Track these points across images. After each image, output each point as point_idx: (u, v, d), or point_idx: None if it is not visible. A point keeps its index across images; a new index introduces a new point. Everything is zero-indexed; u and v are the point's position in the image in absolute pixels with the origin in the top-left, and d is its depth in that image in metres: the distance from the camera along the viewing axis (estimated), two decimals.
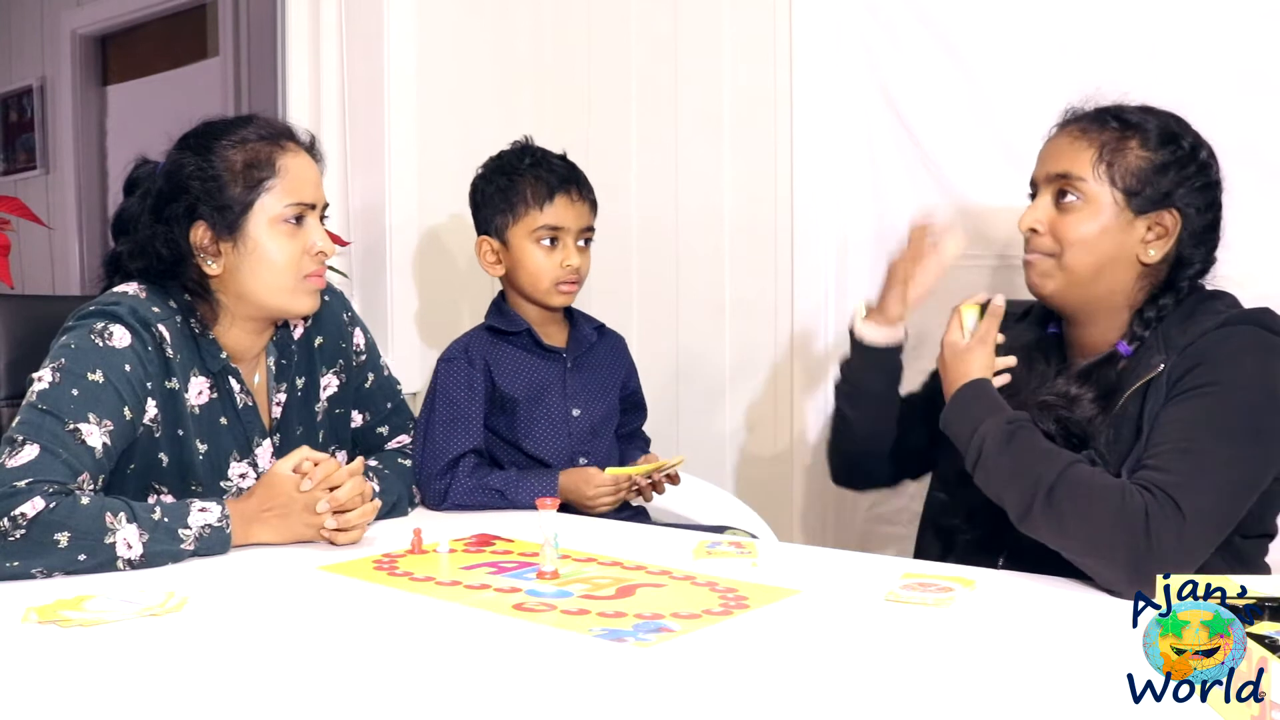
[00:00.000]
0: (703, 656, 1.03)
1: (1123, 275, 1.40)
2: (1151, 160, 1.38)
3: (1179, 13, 1.92)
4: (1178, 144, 1.39)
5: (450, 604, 1.21)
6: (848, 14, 2.26)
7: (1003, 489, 1.31)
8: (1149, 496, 1.21)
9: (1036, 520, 1.26)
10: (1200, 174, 1.39)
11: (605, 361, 1.96)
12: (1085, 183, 1.39)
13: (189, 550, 1.38)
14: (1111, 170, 1.38)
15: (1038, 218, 1.42)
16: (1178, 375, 1.31)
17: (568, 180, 1.84)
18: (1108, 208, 1.38)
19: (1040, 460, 1.29)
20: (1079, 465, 1.28)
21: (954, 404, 1.41)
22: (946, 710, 0.90)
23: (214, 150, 1.50)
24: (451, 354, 1.85)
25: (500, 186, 1.84)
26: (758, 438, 2.46)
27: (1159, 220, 1.38)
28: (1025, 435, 1.32)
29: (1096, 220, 1.38)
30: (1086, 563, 1.23)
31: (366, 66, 2.43)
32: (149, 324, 1.47)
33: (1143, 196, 1.37)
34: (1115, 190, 1.38)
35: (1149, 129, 1.39)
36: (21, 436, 1.35)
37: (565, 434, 1.85)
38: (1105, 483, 1.25)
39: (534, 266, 1.82)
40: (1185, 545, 1.19)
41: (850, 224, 2.30)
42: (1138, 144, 1.38)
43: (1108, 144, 1.39)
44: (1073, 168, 1.39)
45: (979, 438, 1.34)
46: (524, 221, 1.82)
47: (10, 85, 4.84)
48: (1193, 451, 1.24)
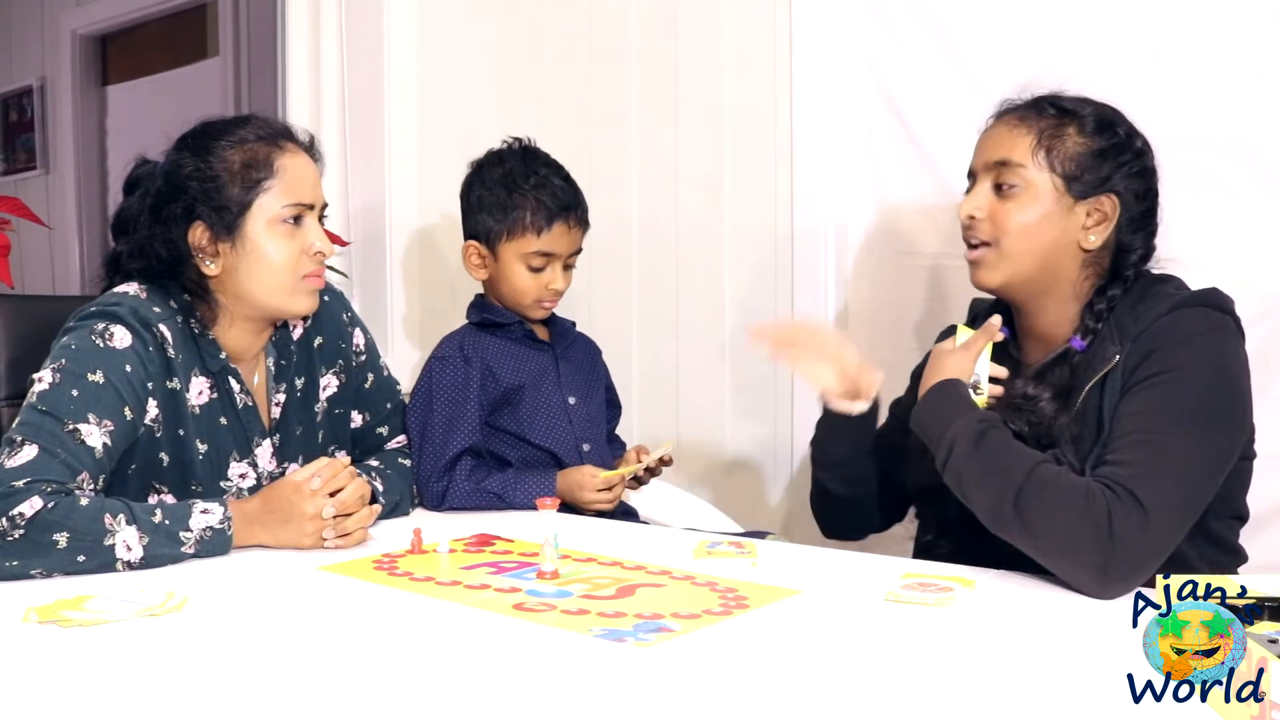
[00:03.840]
0: (703, 656, 1.03)
1: (1066, 263, 1.40)
2: (1089, 146, 1.38)
3: (1179, 13, 1.93)
4: (1114, 130, 1.40)
5: (450, 604, 1.21)
6: (848, 14, 2.26)
7: (972, 490, 1.30)
8: (1110, 495, 1.21)
9: (1006, 522, 1.26)
10: (1136, 160, 1.40)
11: (585, 358, 1.98)
12: (1025, 169, 1.39)
13: (189, 553, 1.38)
14: (1051, 156, 1.38)
15: (977, 204, 1.42)
16: (1133, 365, 1.31)
17: (567, 208, 1.82)
18: (1047, 194, 1.38)
19: (1009, 461, 1.28)
20: (1045, 466, 1.27)
21: (925, 403, 1.40)
22: (946, 710, 0.90)
23: (212, 151, 1.50)
24: (445, 352, 1.84)
25: (499, 200, 1.81)
26: (758, 438, 2.46)
27: (1098, 205, 1.39)
28: (995, 435, 1.31)
29: (1037, 206, 1.38)
30: (1057, 564, 1.23)
31: (366, 66, 2.43)
32: (150, 324, 1.47)
33: (1082, 182, 1.38)
34: (1055, 176, 1.38)
35: (1085, 116, 1.40)
36: (21, 437, 1.35)
37: (566, 421, 1.85)
38: (1071, 483, 1.24)
39: (519, 284, 1.82)
40: (1150, 538, 1.19)
41: (850, 224, 2.30)
42: (1075, 130, 1.39)
43: (1046, 130, 1.39)
44: (1012, 154, 1.39)
45: (950, 437, 1.33)
46: (518, 242, 1.81)
47: (10, 85, 4.84)
48: (1150, 442, 1.25)
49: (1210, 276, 1.45)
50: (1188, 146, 1.77)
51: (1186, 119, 1.86)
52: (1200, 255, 1.47)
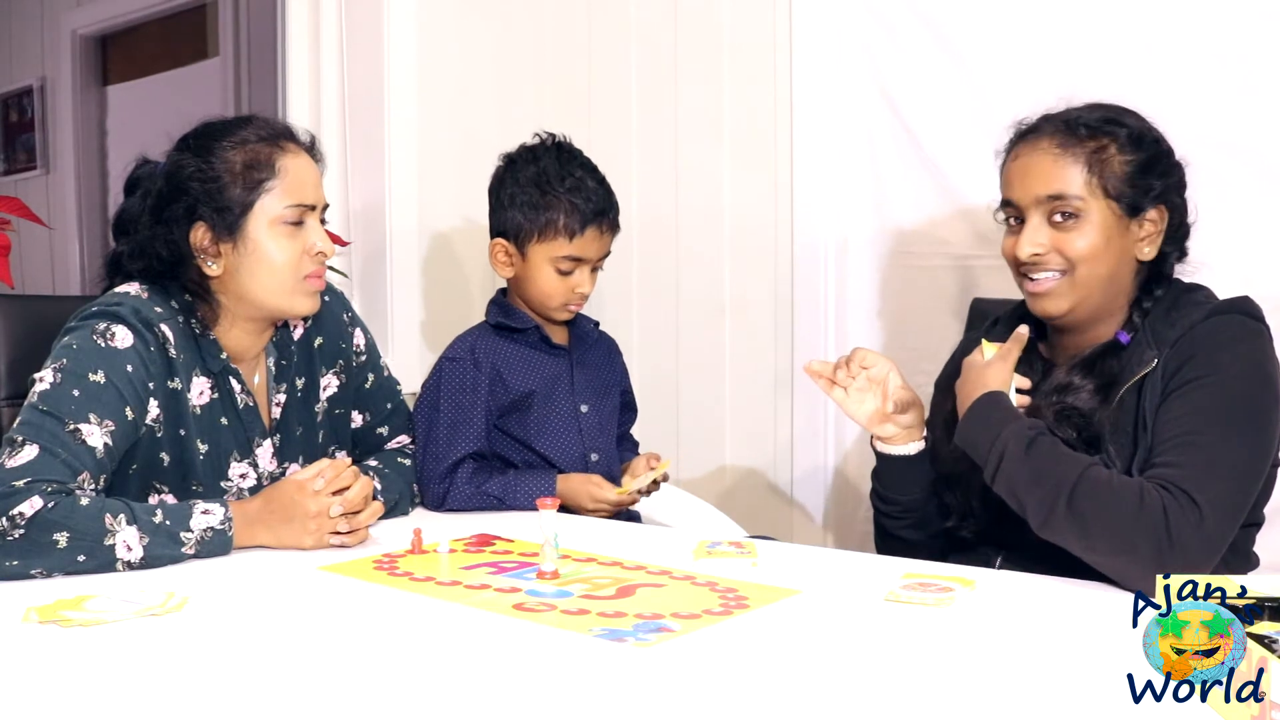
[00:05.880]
0: (703, 656, 1.03)
1: (1126, 278, 1.42)
2: (1133, 162, 1.39)
3: (1178, 13, 1.93)
4: (1150, 141, 1.41)
5: (450, 604, 1.21)
6: (848, 14, 2.26)
7: (1025, 494, 1.31)
8: (1165, 494, 1.22)
9: (1059, 524, 1.26)
10: (1173, 166, 1.41)
11: (604, 361, 1.95)
12: (1081, 200, 1.38)
13: (189, 554, 1.38)
14: (1103, 181, 1.38)
15: (1039, 241, 1.40)
16: (1172, 370, 1.32)
17: (601, 212, 1.78)
18: (1107, 218, 1.39)
19: (1060, 464, 1.29)
20: (1097, 468, 1.28)
21: (971, 415, 1.40)
22: (946, 710, 0.90)
23: (214, 151, 1.50)
24: (456, 353, 1.82)
25: (533, 200, 1.77)
26: (758, 438, 2.46)
27: (1150, 218, 1.40)
28: (1045, 441, 1.32)
29: (1100, 233, 1.38)
30: (1110, 563, 1.24)
31: (366, 66, 2.43)
32: (152, 324, 1.47)
33: (1133, 200, 1.39)
34: (1110, 201, 1.39)
35: (1120, 133, 1.40)
36: (21, 437, 1.35)
37: (575, 430, 1.84)
38: (1124, 483, 1.26)
39: (547, 287, 1.79)
40: (1205, 537, 1.21)
41: (850, 224, 2.30)
42: (1116, 149, 1.39)
43: (1092, 156, 1.39)
44: (1067, 189, 1.39)
45: (1000, 445, 1.33)
46: (549, 245, 1.77)
47: (10, 85, 4.84)
48: (1198, 444, 1.26)
49: (1213, 276, 1.45)
50: (1189, 146, 1.77)
51: (1187, 119, 1.86)
52: (1205, 255, 1.47)
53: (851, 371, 1.58)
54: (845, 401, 1.58)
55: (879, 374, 1.57)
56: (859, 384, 1.58)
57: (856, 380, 1.58)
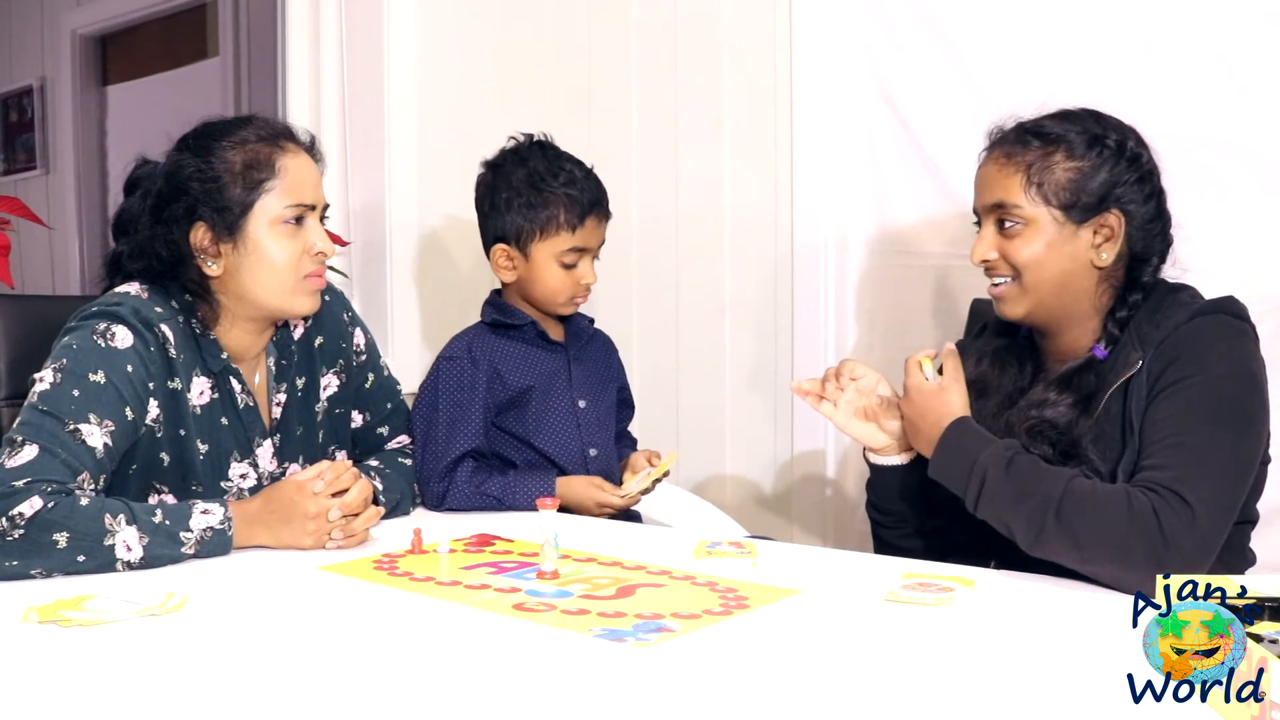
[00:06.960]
0: (703, 656, 1.03)
1: (1083, 283, 1.42)
2: (1080, 169, 1.39)
3: (1177, 14, 1.93)
4: (1103, 145, 1.40)
5: (450, 604, 1.21)
6: (848, 14, 2.26)
7: (1010, 515, 1.30)
8: (1154, 496, 1.22)
9: (1050, 539, 1.26)
10: (1132, 167, 1.40)
11: (601, 357, 1.96)
12: (1020, 208, 1.40)
13: (189, 554, 1.38)
14: (1043, 190, 1.39)
15: (986, 248, 1.44)
16: (1157, 371, 1.32)
17: (597, 201, 1.81)
18: (1048, 226, 1.40)
19: (1043, 480, 1.29)
20: (1080, 479, 1.28)
21: (944, 445, 1.40)
22: (946, 710, 0.90)
23: (214, 151, 1.50)
24: (454, 352, 1.83)
25: (529, 200, 1.78)
26: (757, 438, 2.46)
27: (1103, 223, 1.40)
28: (1023, 460, 1.32)
29: (1040, 239, 1.40)
30: (1107, 572, 1.24)
31: (366, 66, 2.43)
32: (152, 324, 1.47)
33: (1079, 206, 1.39)
34: (1051, 209, 1.39)
35: (1071, 138, 1.40)
36: (21, 437, 1.35)
37: (574, 425, 1.85)
38: (1109, 490, 1.26)
39: (554, 283, 1.81)
40: (1200, 536, 1.21)
41: (850, 224, 2.31)
42: (1064, 156, 1.39)
43: (1033, 164, 1.40)
44: (1006, 196, 1.41)
45: (979, 471, 1.33)
46: (553, 241, 1.78)
47: (10, 85, 4.84)
48: (1187, 444, 1.26)
49: (1210, 277, 1.45)
50: (1187, 146, 1.77)
51: (1185, 118, 1.87)
52: (1200, 255, 1.47)
53: (841, 384, 1.57)
54: (835, 414, 1.58)
55: (868, 385, 1.57)
56: (848, 396, 1.57)
57: (846, 393, 1.57)
